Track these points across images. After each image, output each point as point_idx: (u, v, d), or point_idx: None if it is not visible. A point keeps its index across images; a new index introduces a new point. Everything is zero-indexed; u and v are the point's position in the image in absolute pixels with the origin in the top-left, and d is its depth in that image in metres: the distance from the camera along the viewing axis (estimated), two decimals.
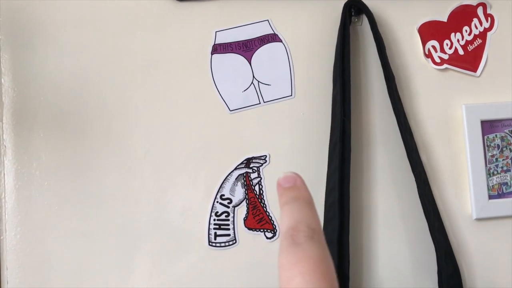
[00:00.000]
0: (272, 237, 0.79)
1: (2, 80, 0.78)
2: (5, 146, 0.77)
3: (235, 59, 0.81)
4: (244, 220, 0.79)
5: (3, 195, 0.77)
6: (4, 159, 0.77)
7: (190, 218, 0.79)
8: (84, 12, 0.80)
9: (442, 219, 0.79)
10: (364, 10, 0.80)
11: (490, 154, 0.82)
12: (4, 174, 0.77)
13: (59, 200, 0.77)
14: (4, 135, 0.78)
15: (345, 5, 0.80)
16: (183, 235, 0.78)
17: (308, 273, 0.24)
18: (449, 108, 0.83)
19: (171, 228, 0.78)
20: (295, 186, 0.29)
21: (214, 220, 0.79)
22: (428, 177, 0.79)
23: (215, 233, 0.79)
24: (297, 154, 0.80)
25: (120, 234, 0.77)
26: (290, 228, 0.27)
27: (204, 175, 0.79)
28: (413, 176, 0.78)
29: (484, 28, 0.84)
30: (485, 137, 0.82)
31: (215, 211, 0.79)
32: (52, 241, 0.77)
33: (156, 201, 0.78)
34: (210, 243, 0.78)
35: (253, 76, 0.81)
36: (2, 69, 0.78)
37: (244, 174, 0.79)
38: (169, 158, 0.79)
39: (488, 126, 0.82)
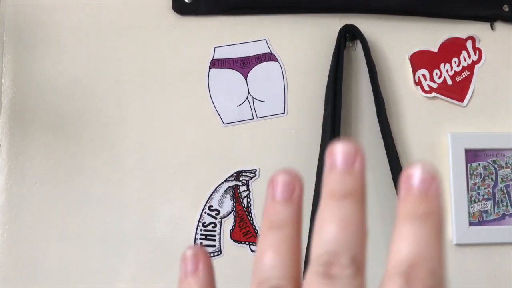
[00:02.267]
0: None
1: (3, 80, 0.80)
2: (0, 145, 0.79)
3: (232, 75, 0.83)
4: (231, 232, 0.80)
5: None
6: None
7: (177, 227, 0.80)
8: (85, 19, 0.82)
9: None
10: (359, 36, 0.83)
11: (472, 182, 0.84)
12: None
13: (50, 201, 0.78)
14: (0, 134, 0.79)
15: (341, 30, 0.83)
16: (169, 243, 0.79)
17: None
18: (435, 135, 0.85)
19: (157, 236, 0.79)
20: (429, 194, 0.20)
21: (201, 230, 0.80)
22: None
23: (201, 243, 0.80)
24: None
25: (108, 239, 0.78)
26: (406, 262, 0.19)
27: (194, 185, 0.81)
28: (397, 198, 0.80)
29: (472, 60, 0.88)
30: (469, 165, 0.84)
31: (203, 221, 0.80)
32: (40, 240, 0.77)
33: (145, 208, 0.80)
34: None
35: (248, 92, 0.83)
36: (4, 69, 0.80)
37: (234, 187, 0.81)
38: (161, 167, 0.80)
39: (472, 155, 0.85)
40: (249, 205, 0.81)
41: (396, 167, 0.81)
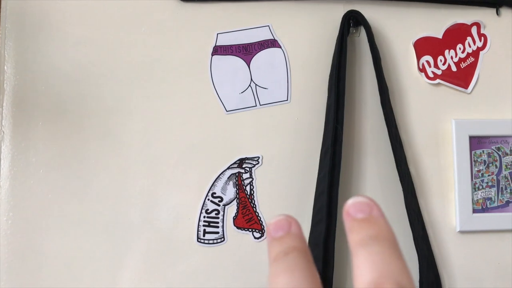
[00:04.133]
0: (260, 237, 0.81)
1: (5, 68, 0.80)
2: (3, 132, 0.79)
3: (235, 62, 0.82)
4: (234, 219, 0.80)
5: None
6: (2, 144, 0.79)
7: (180, 214, 0.80)
8: (88, 6, 0.81)
9: (427, 229, 0.81)
10: (363, 22, 0.83)
11: (476, 169, 0.84)
12: (0, 159, 0.78)
13: (53, 189, 0.78)
14: (3, 121, 0.79)
15: (344, 16, 0.82)
16: (172, 230, 0.80)
17: None
18: (440, 122, 0.85)
19: (161, 222, 0.80)
20: (371, 218, 0.21)
21: (204, 217, 0.80)
22: (415, 188, 0.81)
23: (204, 230, 0.80)
24: (289, 157, 0.82)
25: (112, 226, 0.79)
26: (371, 283, 0.19)
27: (197, 172, 0.81)
28: (400, 186, 0.80)
29: (477, 47, 0.87)
30: (473, 152, 0.84)
31: (206, 208, 0.80)
32: (44, 228, 0.78)
33: (148, 195, 0.80)
34: (199, 240, 0.80)
35: (251, 79, 0.83)
36: (6, 56, 0.80)
37: (237, 174, 0.81)
38: (164, 154, 0.81)
39: (476, 142, 0.84)
40: (252, 192, 0.81)
41: (400, 154, 0.80)
